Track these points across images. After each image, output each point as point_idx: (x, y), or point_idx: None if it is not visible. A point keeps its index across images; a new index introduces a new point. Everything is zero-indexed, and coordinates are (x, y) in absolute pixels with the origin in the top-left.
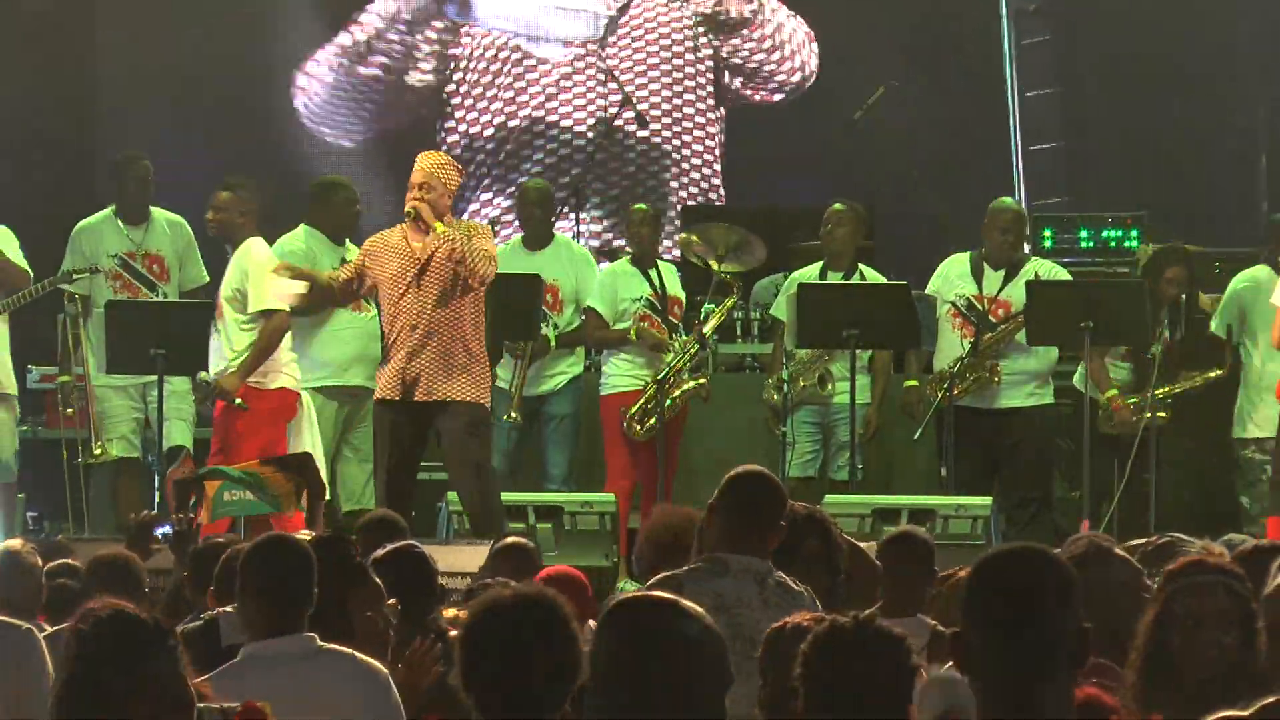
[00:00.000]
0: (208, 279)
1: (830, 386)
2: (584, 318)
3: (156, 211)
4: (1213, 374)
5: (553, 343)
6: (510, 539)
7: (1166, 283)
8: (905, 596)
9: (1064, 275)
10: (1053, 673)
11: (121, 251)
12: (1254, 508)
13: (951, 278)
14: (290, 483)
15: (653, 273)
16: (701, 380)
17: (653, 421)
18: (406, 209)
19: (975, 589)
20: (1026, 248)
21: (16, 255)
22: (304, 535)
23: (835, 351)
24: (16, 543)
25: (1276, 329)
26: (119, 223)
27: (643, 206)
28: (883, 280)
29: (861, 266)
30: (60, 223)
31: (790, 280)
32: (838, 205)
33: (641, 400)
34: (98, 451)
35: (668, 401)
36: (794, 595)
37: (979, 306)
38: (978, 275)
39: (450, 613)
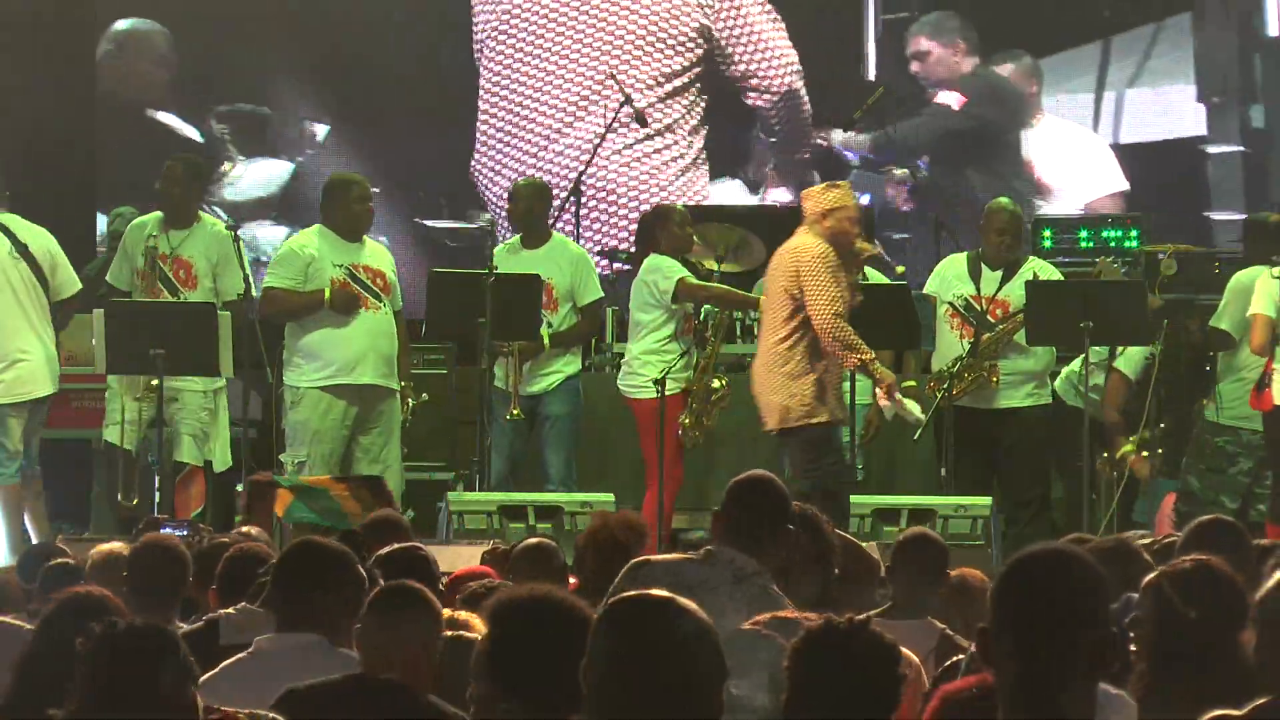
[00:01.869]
0: (244, 291)
1: None
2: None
3: (206, 218)
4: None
5: (546, 342)
6: (534, 540)
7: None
8: (915, 598)
9: (1059, 277)
10: (1075, 677)
11: (157, 251)
12: (1206, 495)
13: (949, 278)
14: (359, 504)
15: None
16: (722, 382)
17: (708, 422)
18: (866, 249)
19: (1004, 588)
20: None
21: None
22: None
23: None
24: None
25: (1256, 336)
26: (159, 220)
27: (681, 207)
28: (885, 280)
29: (865, 269)
30: (61, 223)
31: None
32: None
33: (689, 404)
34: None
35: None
36: (772, 599)
37: (977, 307)
38: (975, 275)
39: (445, 613)
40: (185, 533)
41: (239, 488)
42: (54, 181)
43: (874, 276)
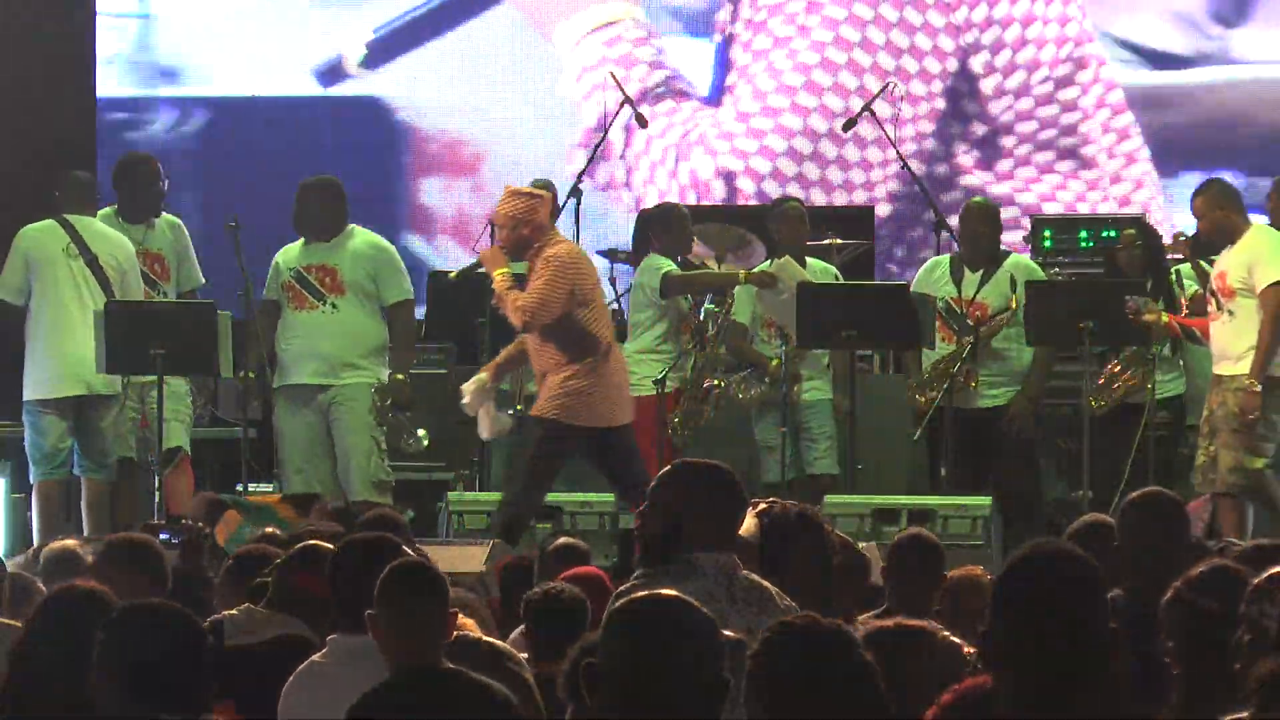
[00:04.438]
0: (204, 281)
1: (797, 387)
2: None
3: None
4: None
5: None
6: (564, 539)
7: None
8: (912, 599)
9: (1039, 274)
10: (1079, 676)
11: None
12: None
13: (931, 281)
14: (301, 519)
15: None
16: (719, 383)
17: (700, 422)
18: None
19: (1006, 588)
20: (1027, 248)
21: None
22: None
23: (804, 353)
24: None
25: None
26: (120, 222)
27: (682, 207)
28: (832, 269)
29: (809, 260)
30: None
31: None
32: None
33: (680, 404)
34: None
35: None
36: (761, 592)
37: (957, 309)
38: (957, 278)
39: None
40: (184, 538)
41: (238, 488)
42: (52, 182)
43: (819, 268)
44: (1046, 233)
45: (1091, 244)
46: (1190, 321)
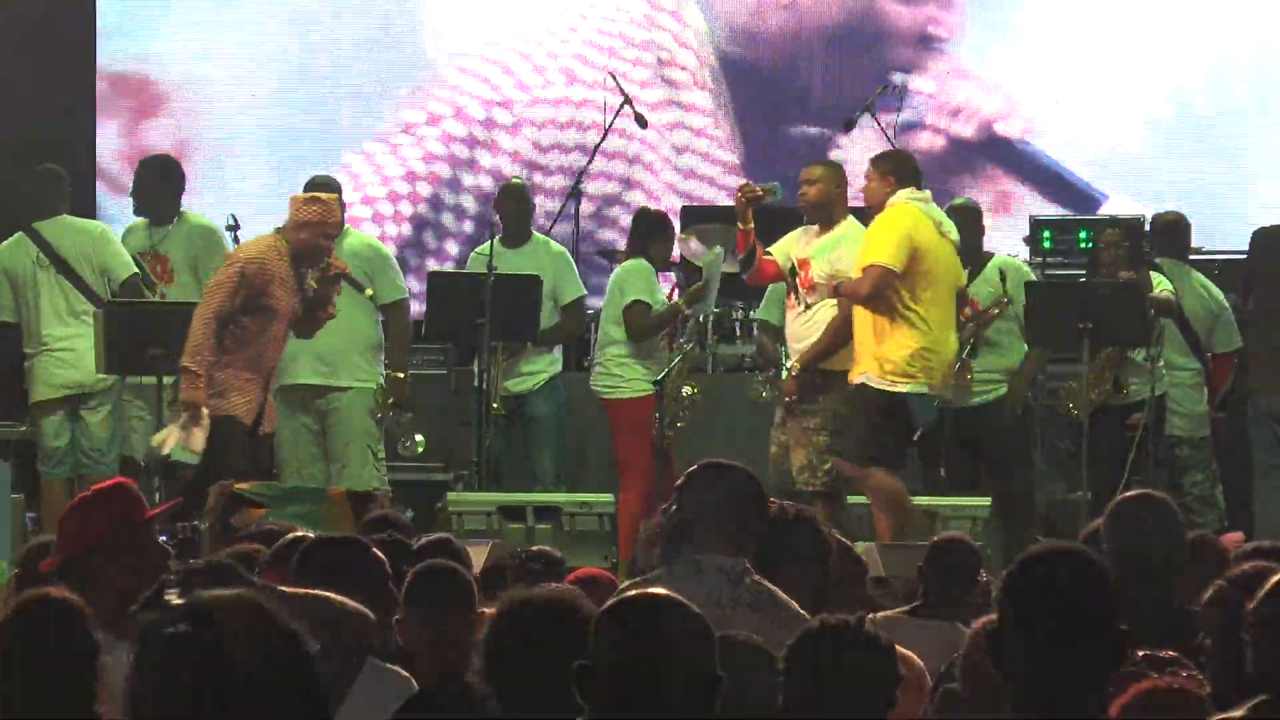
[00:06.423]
0: None
1: None
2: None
3: (189, 215)
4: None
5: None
6: (539, 547)
7: None
8: (945, 603)
9: (1028, 271)
10: (1093, 675)
11: (137, 249)
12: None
13: None
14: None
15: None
16: (694, 389)
17: (680, 425)
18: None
19: (1015, 589)
20: (1026, 249)
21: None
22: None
23: None
24: None
25: None
26: (145, 222)
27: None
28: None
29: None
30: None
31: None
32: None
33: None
34: None
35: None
36: (769, 596)
37: None
38: None
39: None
40: (179, 538)
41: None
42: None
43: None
44: (1046, 233)
45: (1091, 245)
46: None
